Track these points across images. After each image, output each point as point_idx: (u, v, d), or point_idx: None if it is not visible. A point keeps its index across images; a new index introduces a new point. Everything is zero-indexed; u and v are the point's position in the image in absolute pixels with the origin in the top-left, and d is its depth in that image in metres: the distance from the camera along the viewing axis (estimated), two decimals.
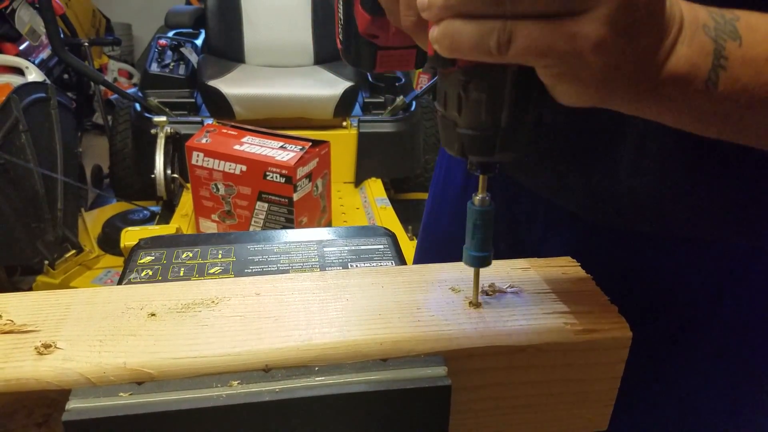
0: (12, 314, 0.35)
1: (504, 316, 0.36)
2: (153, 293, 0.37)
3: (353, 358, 0.34)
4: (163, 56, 2.03)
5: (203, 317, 0.36)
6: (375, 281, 0.40)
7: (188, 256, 0.44)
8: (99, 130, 3.17)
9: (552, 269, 0.41)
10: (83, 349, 0.33)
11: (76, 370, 0.31)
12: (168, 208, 1.76)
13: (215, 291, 0.38)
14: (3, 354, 0.32)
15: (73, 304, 0.36)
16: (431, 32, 0.28)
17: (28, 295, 0.38)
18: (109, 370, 0.31)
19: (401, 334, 0.35)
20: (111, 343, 0.33)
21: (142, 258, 0.44)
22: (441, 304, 0.37)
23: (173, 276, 0.43)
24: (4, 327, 0.34)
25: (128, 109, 2.06)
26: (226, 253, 0.45)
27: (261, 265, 0.45)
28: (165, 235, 0.47)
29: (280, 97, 1.90)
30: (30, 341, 0.33)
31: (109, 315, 0.35)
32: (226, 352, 0.33)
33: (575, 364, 0.36)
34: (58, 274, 1.57)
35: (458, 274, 0.40)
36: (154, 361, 0.32)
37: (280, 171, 1.37)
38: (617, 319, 0.36)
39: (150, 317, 0.35)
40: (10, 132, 1.55)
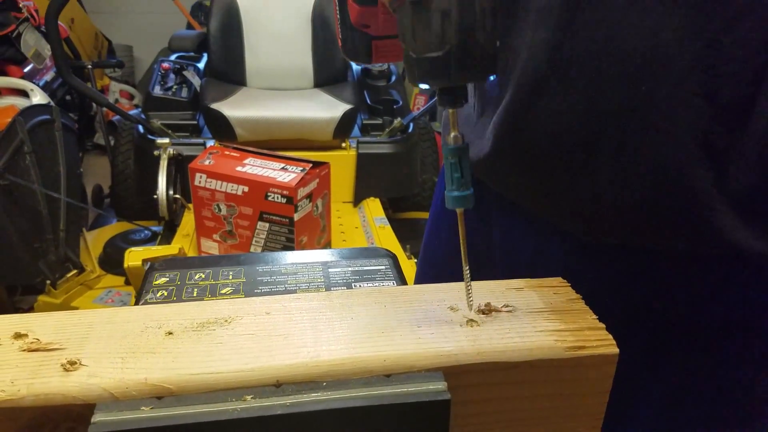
0: (37, 333, 0.38)
1: (499, 333, 0.38)
2: (169, 313, 0.40)
3: (359, 374, 0.36)
4: (166, 79, 2.07)
5: (217, 335, 0.38)
6: (378, 301, 0.42)
7: (201, 277, 0.47)
8: (100, 150, 3.21)
9: (544, 289, 0.43)
10: (106, 366, 0.35)
11: (100, 385, 0.33)
12: (169, 228, 1.78)
13: (228, 310, 0.40)
14: (31, 370, 0.34)
15: (94, 323, 0.39)
16: None
17: (52, 315, 0.40)
18: (132, 386, 0.34)
19: (403, 350, 0.37)
20: (132, 360, 0.35)
21: (157, 279, 0.46)
22: (440, 322, 0.40)
23: (187, 296, 0.45)
24: (31, 345, 0.36)
25: (131, 130, 2.09)
26: (236, 274, 0.48)
27: (270, 286, 0.47)
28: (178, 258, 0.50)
29: (281, 120, 1.94)
30: (56, 358, 0.35)
31: (129, 333, 0.38)
32: (240, 368, 0.35)
33: (566, 379, 0.38)
34: (59, 294, 1.59)
35: (456, 294, 0.42)
36: (173, 377, 0.34)
37: (282, 192, 1.40)
38: (605, 337, 0.38)
39: (168, 335, 0.37)
40: (15, 153, 1.58)
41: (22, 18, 2.29)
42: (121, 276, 1.70)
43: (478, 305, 0.41)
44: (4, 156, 1.54)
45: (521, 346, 0.37)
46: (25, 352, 0.36)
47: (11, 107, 1.98)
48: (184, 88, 2.06)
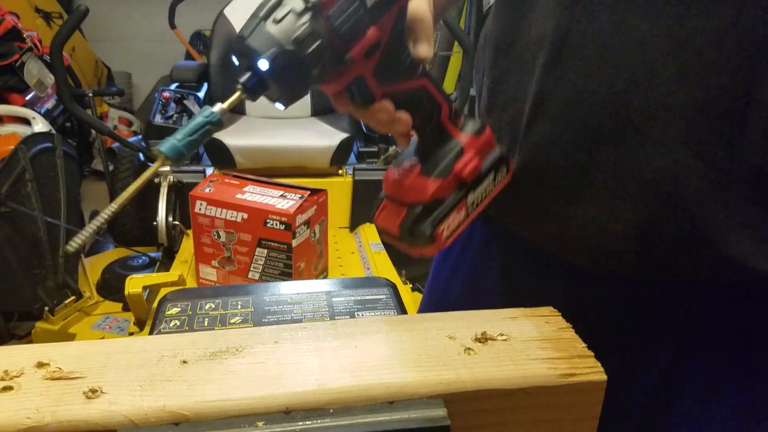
0: (59, 362, 0.40)
1: (495, 361, 0.41)
2: (183, 342, 0.42)
3: (364, 401, 0.38)
4: (167, 108, 2.11)
5: (230, 364, 0.40)
6: (380, 330, 0.44)
7: (211, 307, 0.49)
8: (97, 176, 3.23)
9: (537, 318, 0.46)
10: (126, 394, 0.37)
11: (120, 412, 0.36)
12: (168, 254, 1.80)
13: (239, 340, 0.43)
14: (54, 398, 0.36)
15: (112, 352, 0.41)
16: None
17: (71, 344, 0.42)
18: (150, 413, 0.36)
19: (405, 378, 0.39)
20: (150, 388, 0.37)
21: (170, 309, 0.49)
22: (439, 350, 0.42)
23: (198, 326, 0.48)
24: (53, 374, 0.38)
25: (130, 157, 2.12)
26: (244, 304, 0.50)
27: (277, 315, 0.49)
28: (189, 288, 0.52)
29: (280, 148, 1.97)
30: (78, 387, 0.37)
31: (146, 363, 0.40)
32: (252, 395, 0.37)
33: (558, 405, 0.41)
34: (57, 321, 1.59)
35: (454, 323, 0.45)
36: (189, 404, 0.36)
37: (280, 218, 1.42)
38: (594, 364, 0.41)
39: (183, 364, 0.40)
40: (17, 181, 1.60)
41: (26, 48, 2.34)
42: (119, 302, 1.71)
43: (475, 334, 0.43)
44: (6, 184, 1.57)
45: (516, 373, 0.40)
46: (48, 380, 0.38)
47: (13, 135, 2.02)
48: (184, 117, 2.11)
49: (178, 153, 0.36)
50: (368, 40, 0.38)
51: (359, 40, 0.37)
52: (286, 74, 0.35)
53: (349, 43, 0.37)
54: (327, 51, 0.36)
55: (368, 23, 0.37)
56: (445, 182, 0.45)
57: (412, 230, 0.45)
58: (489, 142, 0.48)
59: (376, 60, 0.40)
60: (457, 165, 0.46)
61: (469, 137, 0.47)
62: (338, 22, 0.35)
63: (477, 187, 0.47)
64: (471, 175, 0.46)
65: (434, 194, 0.45)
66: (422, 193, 0.45)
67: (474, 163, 0.46)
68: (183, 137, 0.37)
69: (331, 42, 0.36)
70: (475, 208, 0.48)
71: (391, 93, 0.42)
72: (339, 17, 0.35)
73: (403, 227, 0.45)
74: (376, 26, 0.38)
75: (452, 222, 0.46)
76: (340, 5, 0.35)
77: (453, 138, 0.46)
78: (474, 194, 0.47)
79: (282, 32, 0.34)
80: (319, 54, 0.35)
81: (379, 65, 0.40)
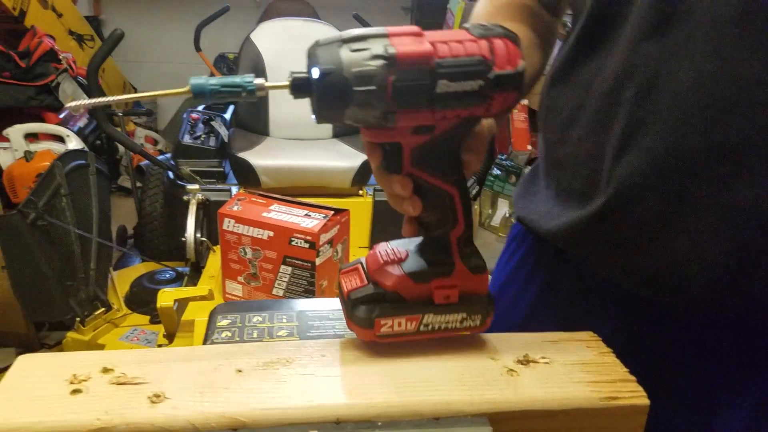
0: (123, 368, 0.42)
1: (538, 383, 0.42)
2: (237, 352, 0.44)
3: (410, 416, 0.40)
4: (195, 129, 2.17)
5: (281, 374, 0.42)
6: (423, 349, 0.46)
7: (258, 320, 0.51)
8: (124, 192, 3.30)
9: (578, 343, 0.47)
10: (187, 399, 0.39)
11: (183, 417, 0.37)
12: (195, 269, 1.83)
13: (288, 352, 0.44)
14: (121, 401, 0.38)
15: (172, 360, 0.43)
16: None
17: (132, 352, 0.44)
18: (211, 418, 0.38)
19: (450, 396, 0.41)
20: (209, 394, 0.39)
21: (220, 321, 0.51)
22: (482, 370, 0.44)
23: (248, 337, 0.50)
24: (119, 379, 0.40)
25: (158, 175, 2.17)
26: (289, 318, 0.52)
27: (320, 330, 0.51)
28: (237, 302, 0.54)
29: (303, 168, 2.01)
30: (142, 391, 0.39)
31: (204, 370, 0.42)
32: (305, 405, 0.39)
33: (599, 427, 0.42)
34: (87, 331, 1.63)
35: (496, 344, 0.46)
36: (246, 411, 0.38)
37: (305, 237, 1.44)
38: (636, 389, 0.42)
39: (238, 373, 0.42)
40: (53, 196, 1.65)
41: (62, 69, 2.43)
42: (146, 315, 1.74)
43: (517, 356, 0.45)
44: (44, 198, 1.62)
45: (559, 395, 0.41)
46: (114, 385, 0.40)
47: (48, 152, 2.08)
48: (211, 137, 2.16)
49: (201, 91, 0.37)
50: (419, 119, 0.38)
51: (411, 112, 0.38)
52: (329, 94, 0.37)
53: (399, 108, 0.37)
54: (375, 100, 0.36)
55: (427, 105, 0.38)
56: (414, 286, 0.44)
57: (356, 303, 0.44)
58: (479, 286, 0.45)
59: (422, 140, 0.40)
60: (435, 282, 0.44)
61: (464, 269, 0.44)
62: (399, 84, 0.36)
63: (440, 315, 0.44)
64: (442, 301, 0.44)
65: (398, 289, 0.44)
66: (388, 280, 0.44)
67: (452, 293, 0.44)
68: (214, 83, 0.38)
69: (383, 96, 0.36)
70: (427, 331, 0.45)
71: (418, 178, 0.42)
72: (403, 81, 0.36)
73: (353, 295, 0.45)
74: (434, 112, 0.38)
75: (397, 326, 0.44)
76: (410, 73, 0.36)
77: (450, 258, 0.44)
78: (433, 318, 0.44)
79: (348, 60, 0.36)
80: (365, 96, 0.36)
81: (423, 147, 0.40)
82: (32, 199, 1.60)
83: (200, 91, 0.37)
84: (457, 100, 0.38)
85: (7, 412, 0.37)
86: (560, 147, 0.53)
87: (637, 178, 0.45)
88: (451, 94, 0.37)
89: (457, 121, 0.40)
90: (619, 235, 0.48)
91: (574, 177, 0.52)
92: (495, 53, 0.38)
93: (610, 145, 0.47)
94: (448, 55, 0.37)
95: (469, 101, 0.38)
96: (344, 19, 2.84)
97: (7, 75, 2.28)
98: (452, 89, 0.37)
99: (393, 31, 0.37)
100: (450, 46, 0.37)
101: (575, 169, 0.51)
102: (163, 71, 4.32)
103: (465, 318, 0.45)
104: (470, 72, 0.37)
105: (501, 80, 0.38)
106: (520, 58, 0.38)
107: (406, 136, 0.40)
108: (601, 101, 0.48)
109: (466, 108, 0.39)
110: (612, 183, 0.47)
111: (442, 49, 0.37)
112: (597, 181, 0.48)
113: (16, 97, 2.28)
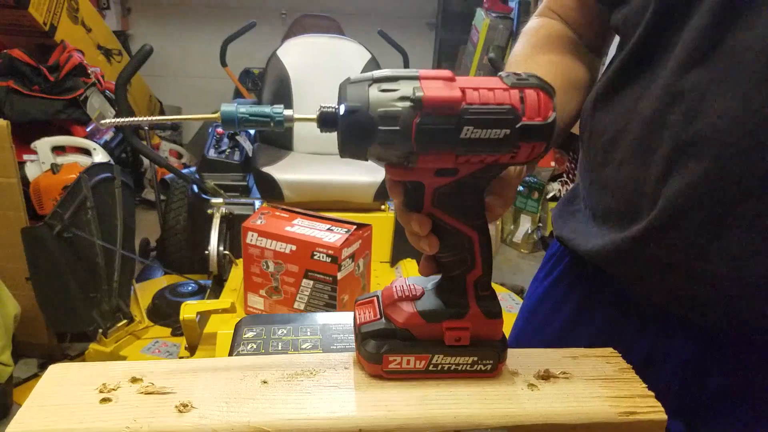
0: (150, 378, 0.43)
1: (558, 397, 0.42)
2: (262, 364, 0.45)
3: (431, 428, 0.40)
4: (220, 143, 2.21)
5: (306, 386, 0.43)
6: None
7: (283, 332, 0.52)
8: (147, 205, 3.36)
9: (597, 359, 0.47)
10: (213, 409, 0.40)
11: (210, 426, 0.39)
12: (218, 282, 1.85)
13: (312, 364, 0.45)
14: (149, 410, 0.40)
15: (199, 371, 0.44)
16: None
17: (159, 362, 0.45)
18: (237, 427, 0.39)
19: (472, 409, 0.41)
20: (235, 404, 0.40)
21: (246, 333, 0.52)
22: (503, 384, 0.44)
23: (273, 350, 0.51)
24: (147, 388, 0.42)
25: (183, 188, 2.21)
26: (313, 332, 0.53)
27: (344, 343, 0.52)
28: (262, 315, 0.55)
29: (326, 183, 2.03)
30: (170, 401, 0.41)
31: (230, 381, 0.43)
32: (328, 416, 0.40)
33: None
34: (109, 343, 1.65)
35: (517, 360, 0.47)
36: (271, 421, 0.39)
37: (327, 251, 1.46)
38: (654, 404, 0.42)
39: (263, 384, 0.43)
40: (79, 208, 1.69)
41: (90, 83, 2.49)
42: (168, 327, 1.76)
43: (538, 371, 0.45)
44: (70, 210, 1.66)
45: (578, 409, 0.41)
46: (143, 394, 0.41)
47: (75, 164, 2.13)
48: (236, 152, 2.19)
49: (230, 119, 0.39)
50: (442, 162, 0.39)
51: (434, 155, 0.38)
52: (354, 131, 0.38)
53: (422, 150, 0.38)
54: (398, 140, 0.37)
55: (450, 149, 0.38)
56: (425, 325, 0.44)
57: (366, 336, 0.44)
58: (493, 331, 0.45)
59: (444, 182, 0.41)
60: (447, 324, 0.44)
61: (478, 312, 0.44)
62: (423, 127, 0.37)
63: (450, 356, 0.44)
64: (453, 342, 0.44)
65: (408, 327, 0.44)
66: (400, 317, 0.44)
67: (464, 335, 0.44)
68: (243, 112, 0.39)
69: (406, 137, 0.37)
70: (436, 371, 0.44)
71: (438, 218, 0.42)
72: (427, 124, 0.37)
73: (363, 329, 0.45)
74: (458, 157, 0.39)
75: (406, 363, 0.44)
76: (436, 117, 0.37)
77: (465, 300, 0.44)
78: (443, 359, 0.44)
79: (375, 99, 0.37)
80: (389, 135, 0.37)
81: (445, 189, 0.41)
82: (58, 211, 1.64)
83: (230, 118, 0.39)
84: (481, 147, 0.38)
85: (40, 419, 0.38)
86: (602, 169, 0.54)
87: (681, 200, 0.45)
88: (475, 140, 0.38)
89: (482, 166, 0.40)
90: (661, 255, 0.48)
91: (615, 198, 0.52)
92: (526, 103, 0.38)
93: (655, 167, 0.47)
94: (476, 102, 0.37)
95: (494, 149, 0.38)
96: (370, 35, 2.88)
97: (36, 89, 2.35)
98: (477, 136, 0.38)
99: (425, 74, 0.38)
100: (480, 93, 0.37)
101: (617, 190, 0.52)
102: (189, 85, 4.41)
103: (476, 362, 0.44)
104: (497, 120, 0.37)
105: (529, 130, 0.38)
106: (552, 109, 0.38)
107: (429, 177, 0.41)
108: (645, 124, 0.48)
109: (490, 154, 0.39)
110: (656, 205, 0.47)
111: (471, 95, 0.37)
112: (639, 203, 0.49)
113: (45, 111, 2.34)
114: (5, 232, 1.73)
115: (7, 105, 2.28)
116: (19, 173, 1.76)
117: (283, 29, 3.38)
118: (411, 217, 0.42)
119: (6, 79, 2.31)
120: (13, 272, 1.76)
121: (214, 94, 4.12)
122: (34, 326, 1.80)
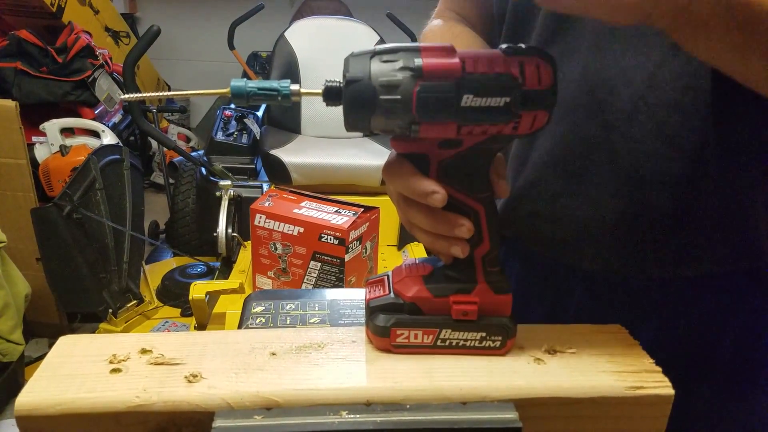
0: (160, 350, 0.44)
1: (565, 372, 0.42)
2: (271, 337, 0.45)
3: (438, 400, 0.41)
4: (228, 126, 2.21)
5: (314, 358, 0.43)
6: None
7: (291, 307, 0.53)
8: (155, 188, 3.37)
9: (604, 335, 0.47)
10: (223, 380, 0.40)
11: (219, 395, 0.39)
12: (226, 264, 1.87)
13: (320, 337, 0.46)
14: (159, 380, 0.40)
15: (208, 343, 0.44)
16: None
17: (170, 335, 0.46)
18: (246, 397, 0.39)
19: (478, 382, 0.41)
20: (244, 375, 0.41)
21: (255, 308, 0.52)
22: (510, 359, 0.44)
23: (281, 323, 0.51)
24: (156, 359, 0.42)
25: (191, 171, 2.22)
26: (321, 306, 0.53)
27: (351, 318, 0.53)
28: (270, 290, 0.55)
29: (333, 166, 2.03)
30: (179, 371, 0.41)
31: (240, 353, 0.43)
32: (336, 387, 0.40)
33: (625, 416, 0.42)
34: (119, 323, 1.67)
35: (523, 335, 0.47)
36: (279, 392, 0.39)
37: (335, 233, 1.46)
38: (661, 379, 0.42)
39: (272, 356, 0.43)
40: (88, 189, 1.70)
41: (98, 65, 2.49)
42: (177, 308, 1.78)
43: (544, 346, 0.45)
44: (79, 192, 1.67)
45: (585, 383, 0.42)
46: (152, 365, 0.42)
47: (83, 146, 2.14)
48: (244, 135, 2.20)
49: (240, 93, 0.40)
50: (444, 132, 0.39)
51: (435, 124, 0.38)
52: (356, 101, 0.38)
53: (423, 119, 0.38)
54: (399, 110, 0.37)
55: (451, 119, 0.38)
56: (432, 299, 0.44)
57: (375, 310, 0.45)
58: (502, 307, 0.45)
59: (449, 155, 0.41)
60: (454, 297, 0.44)
61: (486, 288, 0.44)
62: (423, 95, 0.37)
63: (458, 331, 0.44)
64: (459, 317, 0.44)
65: (416, 300, 0.44)
66: (408, 291, 0.44)
67: (471, 309, 0.44)
68: (252, 86, 0.40)
69: (407, 106, 0.37)
70: (444, 347, 0.45)
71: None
72: (427, 92, 0.37)
73: (372, 303, 0.45)
74: (459, 127, 0.39)
75: (414, 338, 0.44)
76: (435, 86, 0.37)
77: (473, 276, 0.44)
78: (450, 334, 0.44)
79: (376, 70, 0.38)
80: (390, 105, 0.37)
81: (450, 161, 0.41)
82: (67, 192, 1.65)
83: (240, 92, 0.40)
84: (482, 116, 0.38)
85: (50, 388, 0.39)
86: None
87: (546, 157, 0.55)
88: (476, 108, 0.38)
89: (485, 137, 0.40)
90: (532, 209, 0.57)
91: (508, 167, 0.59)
92: (525, 71, 0.38)
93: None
94: (475, 70, 0.37)
95: (496, 117, 0.38)
96: (378, 17, 2.85)
97: (44, 70, 2.34)
98: (477, 104, 0.38)
99: (425, 46, 0.38)
100: (479, 62, 0.38)
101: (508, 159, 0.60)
102: (197, 69, 4.40)
103: (484, 338, 0.44)
104: (496, 87, 0.37)
105: (529, 98, 0.38)
106: (552, 77, 0.38)
107: (434, 149, 0.41)
108: None
109: (492, 124, 0.39)
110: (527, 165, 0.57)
111: (470, 64, 0.38)
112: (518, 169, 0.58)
113: (53, 92, 2.34)
114: (15, 213, 1.75)
115: (15, 86, 2.28)
116: (28, 155, 1.78)
117: (291, 11, 3.36)
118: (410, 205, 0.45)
119: (14, 60, 2.31)
120: (24, 253, 1.78)
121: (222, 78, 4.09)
122: (44, 306, 1.82)
